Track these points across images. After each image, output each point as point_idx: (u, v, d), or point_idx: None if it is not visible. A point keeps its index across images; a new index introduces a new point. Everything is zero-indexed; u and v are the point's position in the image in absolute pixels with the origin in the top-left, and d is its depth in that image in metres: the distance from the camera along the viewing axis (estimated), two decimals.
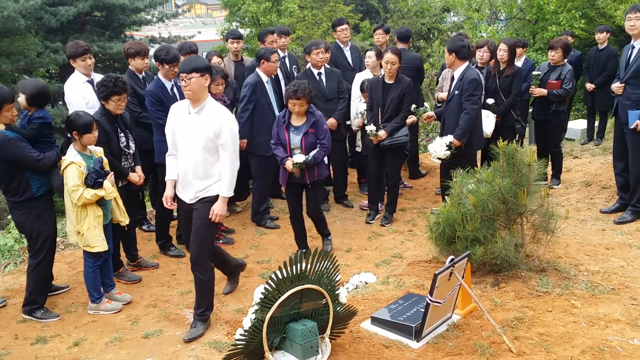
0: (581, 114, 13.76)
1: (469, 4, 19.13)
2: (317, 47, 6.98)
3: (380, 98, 6.55)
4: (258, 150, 6.65)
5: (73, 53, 5.74)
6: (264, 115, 6.60)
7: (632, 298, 4.53)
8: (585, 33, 14.98)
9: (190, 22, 49.62)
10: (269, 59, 6.56)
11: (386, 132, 6.49)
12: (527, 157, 4.67)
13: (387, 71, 6.47)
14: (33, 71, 19.62)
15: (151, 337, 4.56)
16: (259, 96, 6.56)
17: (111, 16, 21.51)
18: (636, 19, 5.95)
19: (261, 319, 3.65)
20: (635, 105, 5.98)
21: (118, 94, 5.14)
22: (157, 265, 5.91)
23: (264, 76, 6.60)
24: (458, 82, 6.16)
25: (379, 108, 6.59)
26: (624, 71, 6.15)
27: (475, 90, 6.08)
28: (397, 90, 6.48)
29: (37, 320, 4.91)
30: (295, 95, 5.50)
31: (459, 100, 6.14)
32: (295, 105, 5.57)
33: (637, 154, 6.08)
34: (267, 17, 21.33)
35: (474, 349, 3.95)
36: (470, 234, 4.73)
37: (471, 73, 6.15)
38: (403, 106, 6.54)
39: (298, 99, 5.52)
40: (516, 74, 7.11)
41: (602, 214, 6.46)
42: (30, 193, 4.79)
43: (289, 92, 5.55)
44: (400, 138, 6.57)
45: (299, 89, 5.50)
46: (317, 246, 5.54)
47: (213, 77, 6.10)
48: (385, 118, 6.56)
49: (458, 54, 6.12)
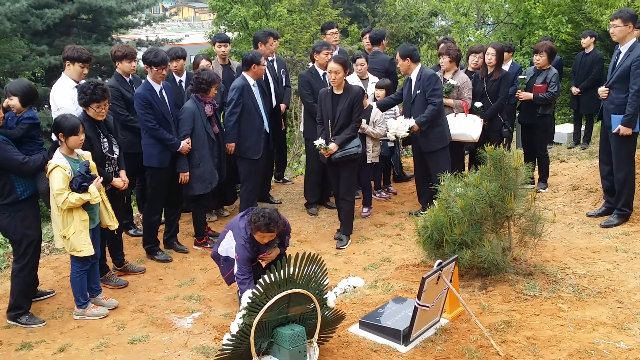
0: (568, 118, 13.88)
1: (456, 8, 19.21)
2: (327, 48, 7.09)
3: (330, 110, 6.27)
4: (246, 154, 6.63)
5: (77, 57, 5.64)
6: (252, 119, 6.58)
7: (618, 301, 4.56)
8: (571, 38, 15.11)
9: (178, 25, 49.48)
10: (259, 62, 6.54)
11: (337, 144, 6.17)
12: (514, 161, 4.70)
13: (332, 81, 6.18)
14: (19, 74, 19.42)
15: (138, 342, 4.52)
16: (246, 100, 6.53)
17: (98, 19, 21.37)
18: (614, 26, 6.04)
19: (249, 323, 3.63)
20: (619, 109, 6.04)
21: (97, 101, 5.06)
22: (144, 270, 5.87)
23: (251, 79, 6.58)
24: (417, 82, 6.62)
25: (329, 120, 6.28)
26: (610, 75, 6.22)
27: (436, 84, 6.55)
28: (346, 100, 6.17)
29: (22, 326, 4.85)
30: (268, 228, 4.67)
31: (422, 99, 6.58)
32: (265, 237, 4.77)
33: (620, 158, 6.15)
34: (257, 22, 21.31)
35: (462, 353, 3.95)
36: (458, 238, 4.74)
37: (427, 70, 6.70)
38: (353, 117, 6.22)
39: (270, 232, 4.73)
40: (503, 78, 7.16)
41: (589, 218, 6.50)
42: (15, 196, 4.73)
43: (258, 225, 4.64)
44: (352, 150, 6.21)
45: (271, 222, 4.65)
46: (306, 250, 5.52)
47: (215, 82, 6.07)
48: (336, 130, 6.24)
49: (412, 58, 6.64)
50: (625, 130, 5.98)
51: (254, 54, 6.63)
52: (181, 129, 6.01)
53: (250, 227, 4.74)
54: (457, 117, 6.95)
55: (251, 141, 6.57)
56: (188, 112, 6.04)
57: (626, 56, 5.98)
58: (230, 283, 5.15)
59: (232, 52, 17.96)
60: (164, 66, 5.84)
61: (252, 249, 4.86)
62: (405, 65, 6.64)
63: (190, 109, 6.05)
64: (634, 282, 4.87)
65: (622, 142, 6.08)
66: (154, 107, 5.81)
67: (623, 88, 6.01)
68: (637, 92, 5.87)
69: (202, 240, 6.43)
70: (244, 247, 4.82)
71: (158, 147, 5.90)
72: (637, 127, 6.03)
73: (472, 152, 7.39)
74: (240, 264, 4.84)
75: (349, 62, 7.86)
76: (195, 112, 6.04)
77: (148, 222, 6.15)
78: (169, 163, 5.97)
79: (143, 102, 5.78)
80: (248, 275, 4.84)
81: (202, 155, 6.08)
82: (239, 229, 4.89)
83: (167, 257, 6.15)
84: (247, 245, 4.82)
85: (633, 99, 5.90)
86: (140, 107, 5.79)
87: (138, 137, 6.04)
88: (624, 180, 6.16)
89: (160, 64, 5.80)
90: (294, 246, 6.42)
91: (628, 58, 5.95)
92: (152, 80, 5.87)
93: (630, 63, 5.90)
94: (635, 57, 5.88)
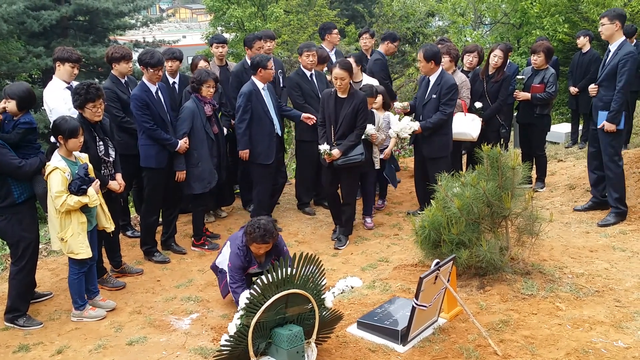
0: (565, 117, 13.89)
1: (453, 8, 19.24)
2: (308, 49, 7.10)
3: (333, 113, 6.13)
4: (257, 159, 6.62)
5: (66, 57, 5.67)
6: (262, 124, 6.55)
7: (616, 300, 4.56)
8: (568, 37, 15.14)
9: (175, 26, 49.44)
10: (265, 66, 6.49)
11: (340, 151, 6.09)
12: (512, 161, 4.70)
13: (338, 87, 6.06)
14: (15, 76, 19.42)
15: (135, 344, 4.52)
16: (254, 105, 6.49)
17: (95, 20, 21.35)
18: (601, 24, 6.17)
19: (246, 324, 3.63)
20: (606, 106, 6.16)
21: (92, 101, 5.04)
22: (142, 272, 5.86)
23: (260, 83, 6.56)
24: (435, 86, 6.45)
25: (331, 124, 6.18)
26: (600, 73, 6.34)
27: (453, 94, 6.42)
28: (351, 105, 6.04)
29: (20, 328, 4.84)
30: (263, 239, 4.72)
31: (435, 104, 6.45)
32: (260, 248, 4.81)
33: (609, 155, 6.24)
34: (252, 22, 21.31)
35: (459, 353, 3.95)
36: (455, 238, 4.74)
37: (449, 78, 6.47)
38: (357, 122, 6.10)
39: (265, 243, 4.77)
40: (505, 80, 7.19)
41: (588, 217, 6.50)
42: (12, 199, 4.73)
43: (254, 236, 4.70)
44: (355, 157, 6.11)
45: (267, 233, 4.70)
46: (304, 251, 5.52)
47: (204, 79, 6.08)
48: (338, 135, 6.13)
49: (436, 61, 6.43)
50: (610, 126, 6.10)
51: (260, 57, 6.60)
52: (179, 128, 6.01)
53: (246, 238, 4.77)
54: (455, 116, 6.95)
55: (262, 147, 6.57)
56: (187, 111, 6.05)
57: (614, 54, 6.14)
58: (225, 295, 5.15)
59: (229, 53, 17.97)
60: (160, 67, 5.85)
61: (245, 258, 4.86)
62: (428, 67, 6.43)
63: (190, 108, 6.06)
64: (632, 280, 4.88)
65: (609, 138, 6.19)
66: (150, 108, 5.80)
67: (611, 86, 6.15)
68: (621, 89, 6.03)
69: (200, 242, 6.42)
70: (238, 255, 4.85)
71: (155, 148, 5.90)
72: (621, 124, 6.17)
73: (469, 151, 7.40)
74: (232, 272, 4.86)
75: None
76: (195, 112, 6.05)
77: (145, 224, 6.14)
78: (167, 164, 5.97)
79: (140, 103, 5.78)
80: (240, 283, 4.84)
81: (200, 155, 6.08)
82: (237, 238, 4.94)
83: (165, 258, 6.14)
84: (240, 254, 4.85)
85: (618, 95, 6.05)
86: (137, 108, 5.79)
87: (134, 138, 6.03)
88: (613, 177, 6.25)
89: (156, 65, 5.81)
90: (291, 246, 6.42)
91: (616, 56, 6.10)
92: (148, 82, 5.87)
93: (617, 61, 6.05)
94: (622, 55, 6.04)
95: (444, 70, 6.57)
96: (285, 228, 6.99)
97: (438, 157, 6.59)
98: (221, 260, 5.11)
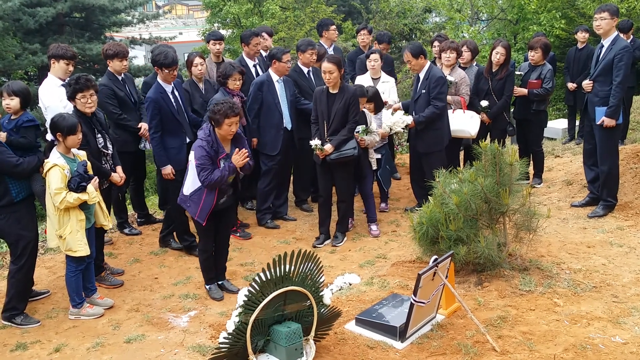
0: (562, 113, 13.90)
1: (450, 4, 19.23)
2: (312, 47, 7.12)
3: (325, 109, 6.13)
4: (264, 149, 6.71)
5: (61, 54, 5.66)
6: (271, 115, 6.67)
7: (613, 295, 4.58)
8: (565, 33, 15.15)
9: (172, 23, 49.31)
10: (280, 59, 6.58)
11: (332, 145, 6.06)
12: (509, 157, 4.70)
13: (327, 81, 6.05)
14: (11, 73, 19.34)
15: (133, 342, 4.51)
16: (265, 95, 6.61)
17: (91, 17, 21.24)
18: (601, 19, 6.15)
19: (245, 321, 3.63)
20: (602, 102, 6.19)
21: (81, 91, 5.03)
22: (122, 283, 5.59)
23: (275, 76, 6.65)
24: (424, 81, 6.56)
25: (324, 120, 6.16)
26: (593, 69, 6.34)
27: (442, 87, 6.49)
28: (342, 100, 6.04)
29: (17, 327, 4.83)
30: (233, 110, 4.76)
31: (426, 99, 6.53)
32: (233, 123, 4.83)
33: (605, 150, 6.28)
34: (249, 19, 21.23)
35: (458, 349, 3.96)
36: (453, 234, 4.74)
37: (436, 71, 6.59)
38: (349, 117, 6.08)
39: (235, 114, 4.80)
40: (509, 77, 7.19)
41: (585, 213, 6.51)
42: (10, 198, 4.71)
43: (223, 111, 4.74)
44: (348, 151, 6.09)
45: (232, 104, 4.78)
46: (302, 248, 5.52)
47: (230, 73, 6.02)
48: (331, 130, 6.11)
49: (425, 55, 6.58)
50: (609, 121, 6.13)
51: (276, 50, 6.74)
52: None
53: (215, 120, 4.77)
54: (455, 113, 6.95)
55: (269, 137, 6.69)
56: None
57: (609, 49, 6.15)
58: (204, 218, 4.95)
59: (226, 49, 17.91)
60: (174, 67, 5.80)
61: (212, 147, 4.81)
62: (419, 63, 6.53)
63: (217, 99, 6.01)
64: (629, 276, 4.89)
65: (606, 133, 6.22)
66: (163, 110, 5.76)
67: (606, 81, 6.17)
68: (619, 83, 6.06)
69: (232, 228, 6.39)
70: (203, 147, 4.79)
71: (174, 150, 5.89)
72: (620, 119, 6.22)
73: (467, 148, 7.40)
74: (201, 161, 4.77)
75: (343, 61, 7.85)
76: None
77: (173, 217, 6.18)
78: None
79: (154, 108, 5.72)
80: (212, 168, 4.79)
81: None
82: (197, 141, 4.88)
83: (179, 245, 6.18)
84: (205, 144, 4.79)
85: (616, 90, 6.08)
86: (151, 112, 5.74)
87: (132, 135, 6.01)
88: (609, 171, 6.29)
89: (170, 65, 5.76)
90: (289, 243, 6.43)
91: (611, 51, 6.12)
92: (163, 82, 5.82)
93: (613, 56, 6.08)
94: (617, 50, 6.06)
95: (432, 65, 6.72)
96: (283, 225, 6.99)
97: (431, 152, 6.65)
98: (188, 185, 4.99)
